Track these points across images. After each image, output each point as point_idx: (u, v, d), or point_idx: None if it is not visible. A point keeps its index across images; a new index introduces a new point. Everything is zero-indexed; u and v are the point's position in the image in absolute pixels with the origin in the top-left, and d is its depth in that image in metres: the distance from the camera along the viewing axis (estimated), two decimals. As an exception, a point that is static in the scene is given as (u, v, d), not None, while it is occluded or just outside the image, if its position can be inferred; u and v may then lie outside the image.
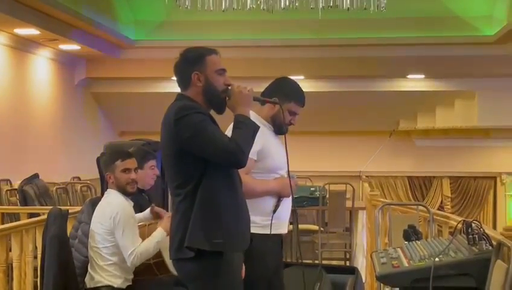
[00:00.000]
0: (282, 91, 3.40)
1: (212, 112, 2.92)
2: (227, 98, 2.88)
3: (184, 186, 2.78)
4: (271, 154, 3.36)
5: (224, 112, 2.93)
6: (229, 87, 2.89)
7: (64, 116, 10.38)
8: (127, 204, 3.82)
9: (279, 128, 3.44)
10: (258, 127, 2.86)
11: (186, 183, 2.78)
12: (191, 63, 2.88)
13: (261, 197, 3.31)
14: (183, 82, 2.91)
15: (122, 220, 3.70)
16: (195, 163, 2.76)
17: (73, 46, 9.54)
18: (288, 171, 3.32)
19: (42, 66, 9.76)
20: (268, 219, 3.34)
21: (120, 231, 3.69)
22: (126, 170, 3.86)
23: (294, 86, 3.56)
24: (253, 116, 3.18)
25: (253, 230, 3.05)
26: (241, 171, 2.97)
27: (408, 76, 10.98)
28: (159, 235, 3.75)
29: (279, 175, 3.40)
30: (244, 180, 3.06)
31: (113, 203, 3.78)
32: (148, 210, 4.01)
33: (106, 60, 10.51)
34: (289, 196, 3.40)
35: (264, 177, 3.35)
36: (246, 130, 2.79)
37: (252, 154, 3.18)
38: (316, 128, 11.55)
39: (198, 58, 2.88)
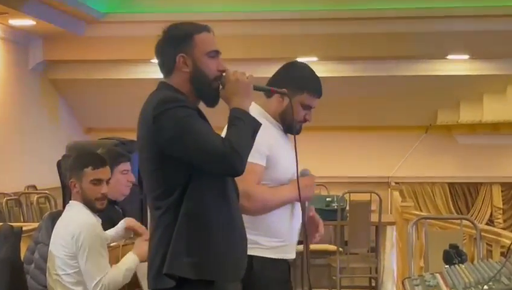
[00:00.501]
0: (292, 80, 3.37)
1: (202, 105, 2.92)
2: (220, 87, 2.87)
3: (165, 197, 2.78)
4: (280, 162, 3.36)
5: (217, 105, 2.93)
6: (223, 74, 2.89)
7: (16, 109, 10.38)
8: (93, 221, 3.82)
9: (289, 127, 3.39)
10: (260, 124, 2.84)
11: (168, 193, 2.77)
12: (175, 42, 2.88)
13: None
14: (166, 66, 2.91)
15: (87, 242, 3.69)
16: (179, 168, 2.76)
17: (26, 21, 9.54)
18: (297, 171, 3.31)
19: (-12, 46, 9.78)
20: (275, 239, 3.34)
21: (84, 256, 3.68)
22: (97, 182, 3.86)
23: (306, 71, 3.55)
24: (258, 111, 3.18)
25: (255, 253, 3.05)
26: (247, 181, 2.98)
27: (448, 56, 10.98)
28: (130, 262, 3.75)
29: None
30: (255, 192, 3.09)
31: (76, 220, 3.78)
32: (120, 225, 4.00)
33: (68, 39, 10.51)
34: (310, 199, 3.42)
35: None
36: (244, 128, 2.78)
37: (261, 159, 3.18)
38: (332, 123, 11.54)
39: (185, 37, 2.88)
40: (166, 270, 2.72)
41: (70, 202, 3.91)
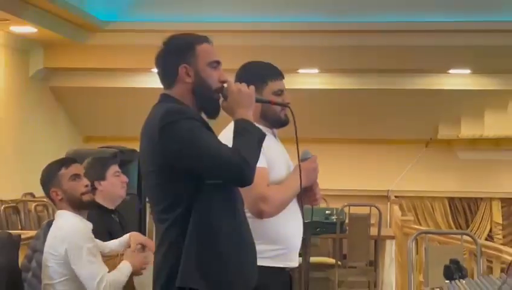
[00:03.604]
0: (251, 79, 3.22)
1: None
2: (221, 99, 2.88)
3: (172, 210, 2.77)
4: (276, 164, 3.38)
5: (217, 116, 2.93)
6: (225, 85, 2.89)
7: (16, 116, 10.38)
8: (82, 226, 3.82)
9: (277, 121, 3.44)
10: (265, 135, 2.86)
11: (175, 206, 2.77)
12: (177, 53, 2.88)
13: (266, 219, 3.31)
14: (168, 78, 2.91)
15: (77, 246, 3.68)
16: (185, 181, 2.76)
17: (28, 28, 9.55)
18: (299, 159, 3.35)
19: (-12, 52, 9.78)
20: (275, 247, 3.34)
21: (76, 260, 3.67)
22: (75, 177, 3.86)
23: (259, 64, 3.55)
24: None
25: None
26: (260, 185, 3.02)
27: (450, 71, 10.98)
28: (127, 271, 3.74)
29: None
30: (270, 194, 3.12)
31: (65, 227, 3.78)
32: (123, 239, 3.99)
33: (69, 46, 10.52)
34: (316, 179, 3.43)
35: None
36: (251, 138, 2.78)
37: (263, 163, 3.20)
38: (332, 135, 11.55)
39: (187, 47, 2.88)
40: (180, 283, 2.71)
41: (57, 212, 3.91)
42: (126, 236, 4.00)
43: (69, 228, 3.75)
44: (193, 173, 2.74)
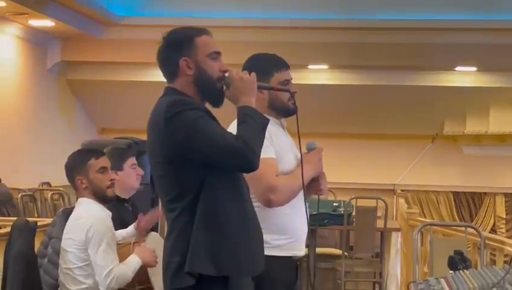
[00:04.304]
0: (256, 70, 3.14)
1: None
2: (224, 88, 2.88)
3: (180, 200, 2.79)
4: (284, 158, 3.37)
5: (221, 105, 2.93)
6: (226, 74, 2.89)
7: (33, 108, 10.42)
8: (104, 215, 3.82)
9: (285, 109, 3.42)
10: (268, 120, 2.86)
11: (183, 195, 2.78)
12: (177, 47, 2.89)
13: (271, 209, 3.30)
14: (170, 72, 2.92)
15: (98, 234, 3.69)
16: (193, 170, 2.77)
17: (46, 22, 9.58)
18: (301, 152, 3.33)
19: (7, 45, 9.80)
20: (282, 237, 3.33)
21: (95, 247, 3.68)
22: (103, 170, 3.86)
23: (264, 56, 3.54)
24: None
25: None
26: (268, 175, 3.03)
27: (456, 68, 10.96)
28: (135, 264, 3.74)
29: None
30: (279, 184, 3.12)
31: (87, 214, 3.78)
32: (131, 228, 4.00)
33: (86, 40, 10.54)
34: (321, 170, 3.43)
35: None
36: (254, 125, 2.78)
37: (272, 153, 3.21)
38: (340, 130, 11.54)
39: (186, 40, 2.89)
40: (189, 268, 2.72)
41: (78, 199, 3.91)
42: (132, 225, 4.00)
43: (91, 216, 3.75)
44: (199, 162, 2.74)
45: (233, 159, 2.72)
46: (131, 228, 4.02)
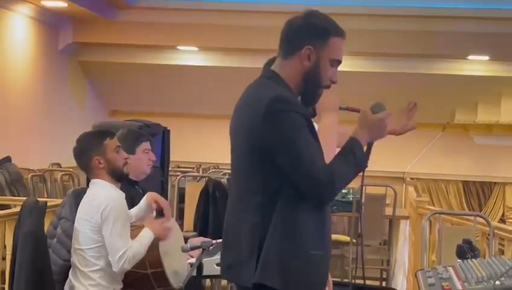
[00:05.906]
0: (311, 33, 2.75)
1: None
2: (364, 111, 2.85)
3: (258, 193, 2.67)
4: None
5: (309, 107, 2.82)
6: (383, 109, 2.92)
7: (44, 89, 10.43)
8: (118, 195, 3.82)
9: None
10: (366, 166, 2.78)
11: (262, 189, 2.67)
12: (311, 32, 2.74)
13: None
14: (289, 49, 2.75)
15: (113, 214, 3.68)
16: (277, 172, 2.64)
17: (58, 3, 9.58)
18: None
19: (19, 25, 9.80)
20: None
21: (109, 228, 3.67)
22: (118, 149, 3.87)
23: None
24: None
25: None
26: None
27: (469, 57, 10.92)
28: (148, 238, 3.75)
29: None
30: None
31: (102, 195, 3.77)
32: (143, 202, 4.00)
33: (98, 22, 10.54)
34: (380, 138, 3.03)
35: None
36: (352, 164, 2.69)
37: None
38: (352, 117, 11.50)
39: (323, 33, 2.75)
40: (258, 279, 2.62)
41: (92, 180, 3.91)
42: (144, 199, 4.00)
43: (106, 196, 3.75)
44: (279, 168, 2.63)
45: (309, 187, 2.61)
46: (143, 202, 4.00)
